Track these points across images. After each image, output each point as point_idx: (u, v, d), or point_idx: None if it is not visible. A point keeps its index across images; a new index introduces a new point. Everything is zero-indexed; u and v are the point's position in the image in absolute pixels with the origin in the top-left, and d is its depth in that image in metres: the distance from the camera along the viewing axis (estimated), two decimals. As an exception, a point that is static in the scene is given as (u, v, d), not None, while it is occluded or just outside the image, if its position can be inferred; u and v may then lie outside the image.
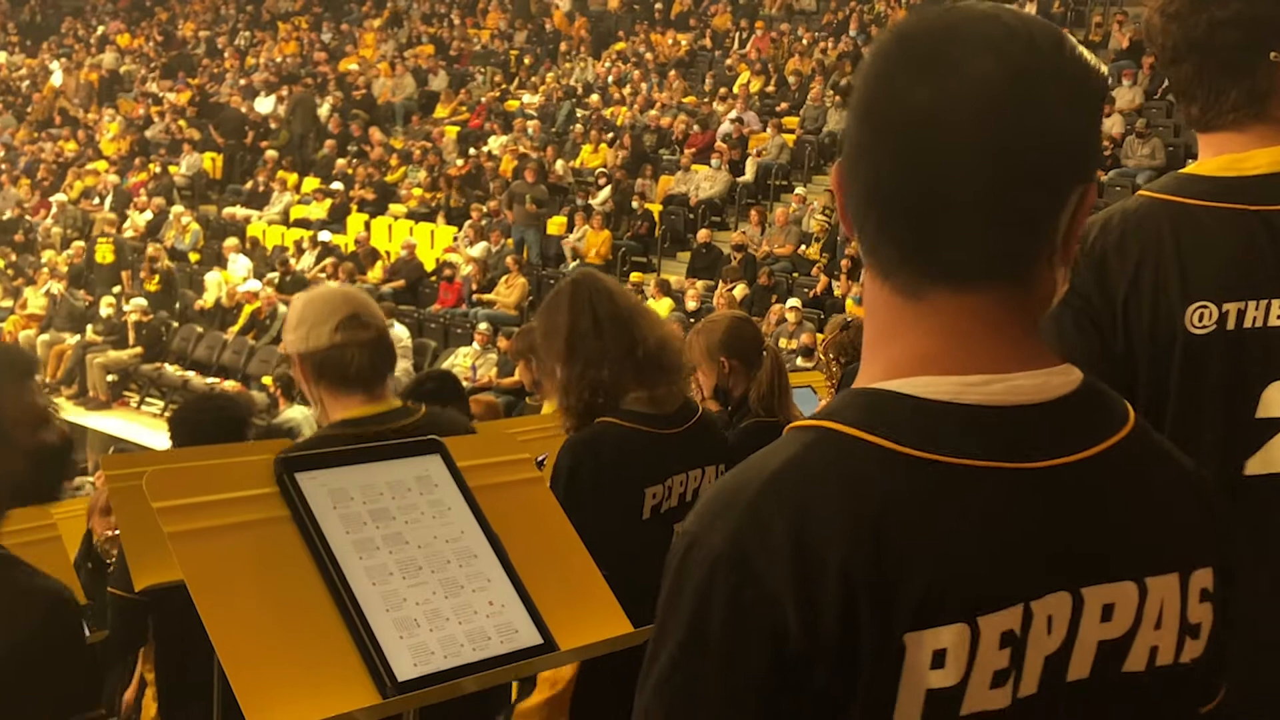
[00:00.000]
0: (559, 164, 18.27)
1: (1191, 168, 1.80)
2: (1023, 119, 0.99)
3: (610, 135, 18.69)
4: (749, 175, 17.04)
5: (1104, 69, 1.06)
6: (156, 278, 16.35)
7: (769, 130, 17.64)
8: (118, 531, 4.46)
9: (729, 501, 0.99)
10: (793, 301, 12.91)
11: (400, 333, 13.52)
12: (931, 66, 1.00)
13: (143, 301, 15.54)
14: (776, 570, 0.94)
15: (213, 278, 16.50)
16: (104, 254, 17.35)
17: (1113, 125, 15.56)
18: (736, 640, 0.95)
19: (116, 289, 16.78)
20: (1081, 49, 1.04)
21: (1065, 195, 1.03)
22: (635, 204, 16.57)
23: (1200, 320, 1.69)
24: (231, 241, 17.47)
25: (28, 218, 20.35)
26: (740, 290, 13.55)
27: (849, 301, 13.06)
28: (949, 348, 1.03)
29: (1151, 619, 1.04)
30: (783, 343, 11.78)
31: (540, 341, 2.99)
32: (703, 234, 15.40)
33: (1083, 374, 1.07)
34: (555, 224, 16.78)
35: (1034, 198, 1.01)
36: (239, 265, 16.83)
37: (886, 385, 1.03)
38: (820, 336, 10.99)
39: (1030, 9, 19.47)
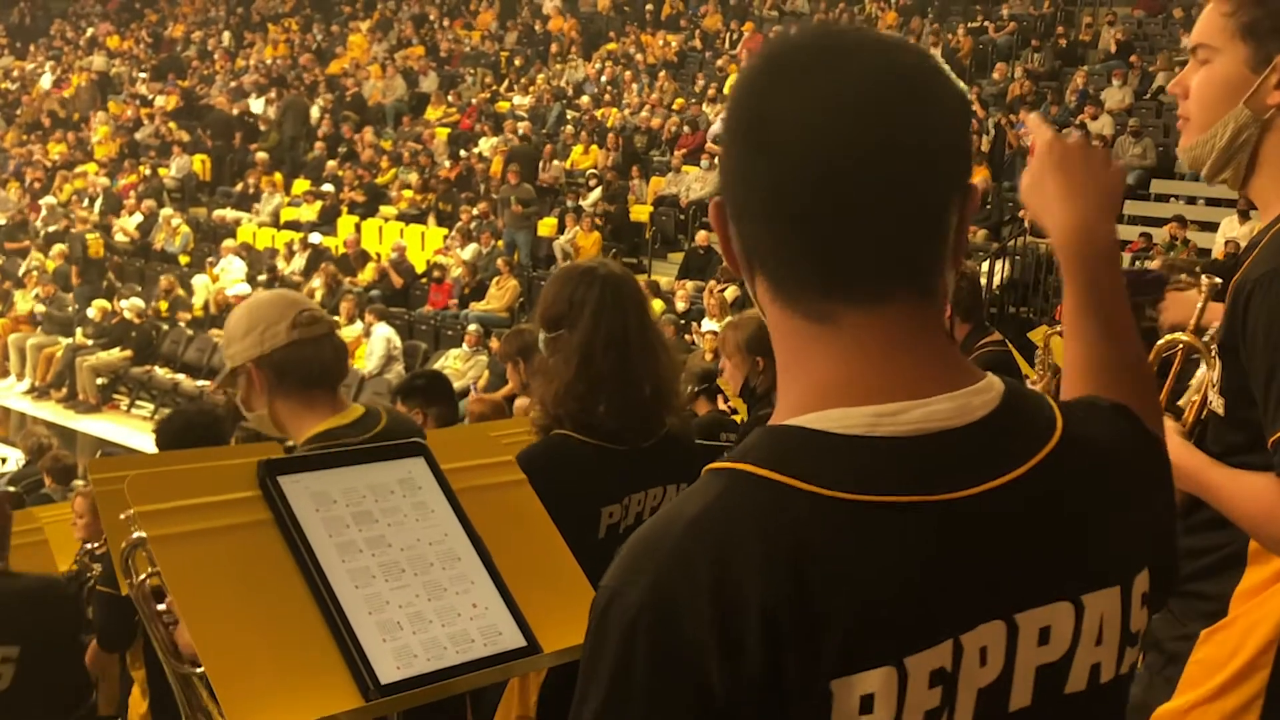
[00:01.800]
0: (554, 164, 18.28)
1: None
2: (907, 120, 0.99)
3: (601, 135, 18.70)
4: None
5: (963, 88, 1.07)
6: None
7: (760, 131, 17.62)
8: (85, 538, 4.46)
9: (648, 551, 0.97)
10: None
11: (389, 334, 13.53)
12: (809, 80, 0.99)
13: (139, 302, 15.53)
14: (699, 618, 0.92)
15: (200, 280, 16.48)
16: (95, 248, 17.34)
17: (1103, 126, 15.58)
18: (661, 690, 0.93)
19: (105, 283, 16.79)
20: (945, 67, 1.05)
21: (952, 197, 1.03)
22: (613, 208, 16.55)
23: None
24: (229, 243, 17.50)
25: (25, 215, 20.30)
26: (731, 292, 13.55)
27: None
28: (862, 372, 1.01)
29: (1091, 636, 1.03)
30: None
31: (544, 317, 2.79)
32: (701, 236, 15.40)
33: (1004, 385, 1.05)
34: (546, 225, 16.78)
35: (925, 199, 1.01)
36: (234, 267, 16.81)
37: (799, 422, 1.00)
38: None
39: (1019, 10, 19.53)
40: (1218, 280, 2.35)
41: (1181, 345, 2.28)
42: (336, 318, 14.22)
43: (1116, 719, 1.08)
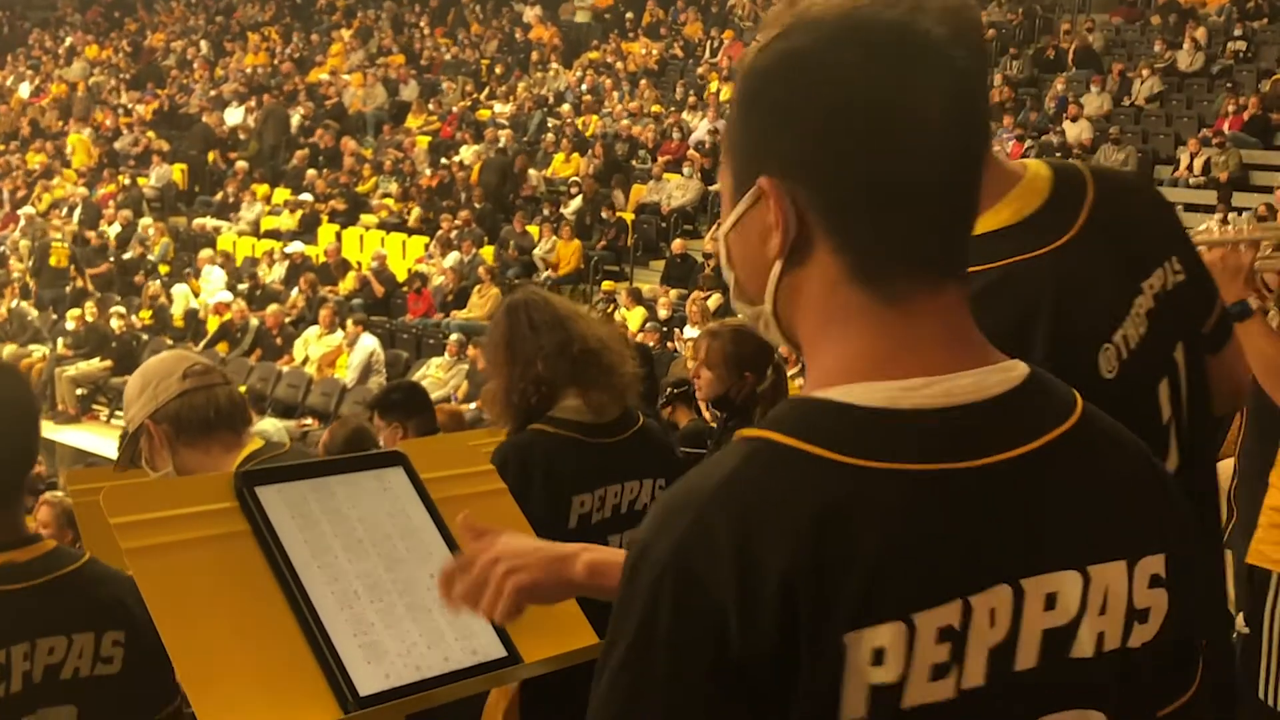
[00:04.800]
0: (531, 172, 18.27)
1: None
2: (974, 115, 1.09)
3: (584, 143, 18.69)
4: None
5: None
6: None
7: (740, 138, 17.64)
8: None
9: (677, 510, 1.03)
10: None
11: (374, 347, 13.51)
12: (898, 62, 1.05)
13: (122, 309, 15.44)
14: (719, 577, 0.98)
15: (180, 290, 16.40)
16: (58, 257, 17.25)
17: (1081, 132, 15.66)
18: (682, 645, 0.99)
19: (68, 289, 16.70)
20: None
21: None
22: (606, 215, 16.55)
23: None
24: (206, 253, 17.42)
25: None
26: (715, 300, 13.55)
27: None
28: (900, 352, 1.06)
29: (1096, 606, 1.07)
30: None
31: (486, 361, 3.01)
32: (677, 244, 15.41)
33: (1028, 370, 1.10)
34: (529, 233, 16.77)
35: (978, 186, 1.10)
36: (214, 277, 16.73)
37: (825, 394, 1.06)
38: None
39: (998, 17, 19.61)
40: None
41: None
42: (316, 327, 14.18)
43: (1131, 689, 1.11)
